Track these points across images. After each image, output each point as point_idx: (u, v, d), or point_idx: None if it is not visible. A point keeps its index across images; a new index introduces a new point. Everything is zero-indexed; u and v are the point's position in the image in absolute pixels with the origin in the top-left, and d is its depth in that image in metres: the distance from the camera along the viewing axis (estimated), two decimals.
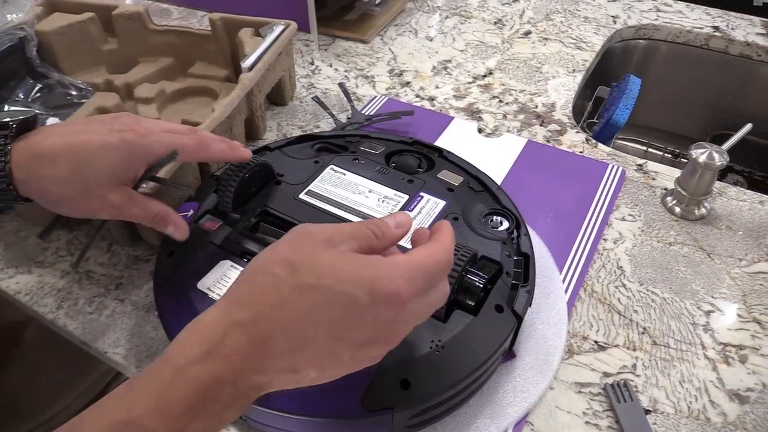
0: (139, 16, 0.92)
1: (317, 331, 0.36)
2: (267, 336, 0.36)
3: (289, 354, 0.36)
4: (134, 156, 0.54)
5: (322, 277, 0.37)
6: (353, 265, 0.38)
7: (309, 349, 0.36)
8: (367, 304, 0.36)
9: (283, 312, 0.36)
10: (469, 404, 0.55)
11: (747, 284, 0.67)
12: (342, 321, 0.36)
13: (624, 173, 0.80)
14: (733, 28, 1.12)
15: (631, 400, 0.56)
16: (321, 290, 0.36)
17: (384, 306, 0.37)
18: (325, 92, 0.98)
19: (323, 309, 0.36)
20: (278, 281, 0.37)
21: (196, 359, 0.35)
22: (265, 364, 0.36)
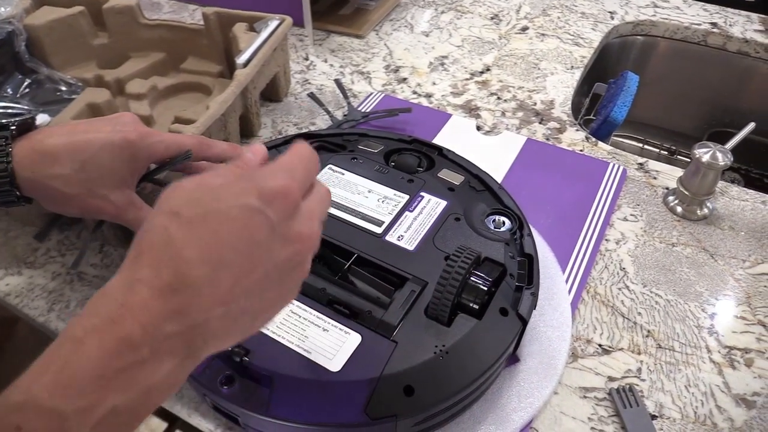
0: (130, 10, 0.90)
1: (225, 252, 0.34)
2: (172, 279, 0.32)
3: (205, 288, 0.33)
4: (136, 156, 0.54)
5: (206, 204, 0.34)
6: (231, 185, 0.35)
7: (226, 274, 0.33)
8: (262, 206, 0.34)
9: (182, 251, 0.33)
10: (472, 410, 0.54)
11: (751, 286, 0.66)
12: (245, 233, 0.34)
13: (625, 172, 0.79)
14: (731, 25, 1.11)
15: (637, 405, 0.55)
16: (211, 215, 0.34)
17: (279, 202, 0.35)
18: (321, 88, 0.97)
19: (220, 231, 0.34)
20: (164, 229, 0.34)
21: (97, 327, 0.31)
22: (184, 309, 0.32)
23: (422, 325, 0.51)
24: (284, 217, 0.36)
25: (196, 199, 0.35)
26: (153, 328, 0.32)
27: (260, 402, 0.47)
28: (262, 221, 0.35)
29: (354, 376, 0.47)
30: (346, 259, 0.56)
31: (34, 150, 0.52)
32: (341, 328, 0.51)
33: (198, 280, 0.33)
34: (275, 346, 0.50)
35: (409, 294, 0.53)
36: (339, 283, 0.54)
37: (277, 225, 0.35)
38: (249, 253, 0.34)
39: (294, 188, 0.36)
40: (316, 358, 0.49)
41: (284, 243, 0.36)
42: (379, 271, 0.55)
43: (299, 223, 0.37)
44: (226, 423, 0.54)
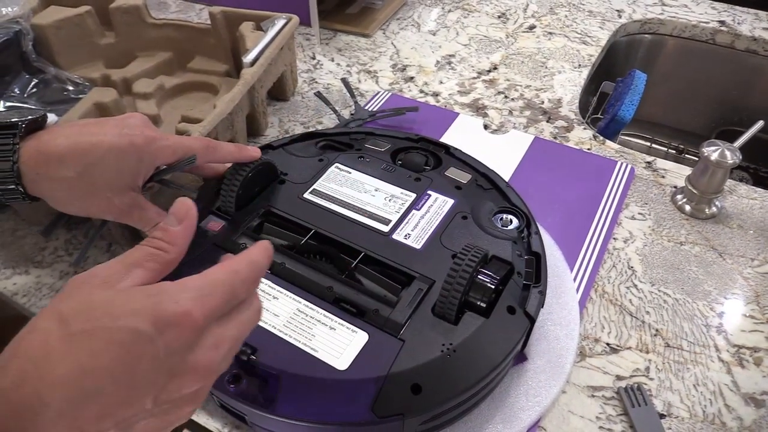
0: (137, 10, 0.90)
1: (99, 380, 0.30)
2: (33, 400, 0.29)
3: (67, 415, 0.30)
4: (142, 160, 0.54)
5: (96, 319, 0.32)
6: (131, 298, 0.33)
7: (94, 404, 0.30)
8: (153, 334, 0.31)
9: (53, 367, 0.30)
10: (480, 409, 0.53)
11: (760, 284, 0.66)
12: (127, 361, 0.31)
13: (633, 171, 0.79)
14: (740, 23, 1.10)
15: (645, 405, 0.55)
16: (95, 333, 0.31)
17: (174, 331, 0.32)
18: (328, 87, 0.97)
19: (101, 354, 0.31)
20: (46, 336, 0.31)
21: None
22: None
23: (429, 323, 0.50)
24: (178, 348, 0.33)
25: (90, 310, 0.32)
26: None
27: (267, 400, 0.47)
28: (148, 351, 0.32)
29: (361, 374, 0.47)
30: (353, 257, 0.56)
31: (39, 151, 0.51)
32: (348, 327, 0.51)
33: (59, 404, 0.30)
34: (282, 344, 0.50)
35: (417, 292, 0.53)
36: (346, 281, 0.54)
37: (166, 357, 0.32)
38: (128, 386, 0.31)
39: (195, 318, 0.33)
40: (323, 356, 0.49)
41: (172, 377, 0.33)
42: (386, 270, 0.55)
43: (197, 354, 0.34)
44: (234, 422, 0.54)
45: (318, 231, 0.58)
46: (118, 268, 0.36)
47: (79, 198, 0.53)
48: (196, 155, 0.56)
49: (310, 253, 0.58)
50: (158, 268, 0.38)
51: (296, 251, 0.57)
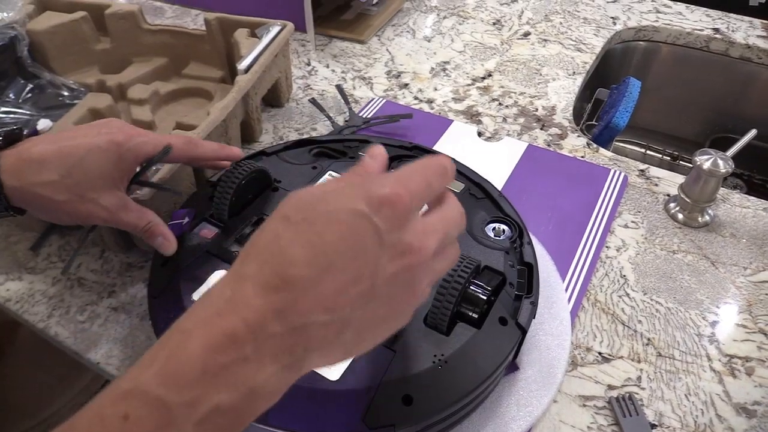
0: (133, 16, 0.90)
1: (330, 255, 0.33)
2: (275, 277, 0.32)
3: (308, 289, 0.32)
4: (123, 157, 0.54)
5: (314, 209, 0.34)
6: (342, 189, 0.35)
7: (329, 278, 0.33)
8: (370, 212, 0.34)
9: (287, 250, 0.33)
10: (471, 419, 0.53)
11: (752, 294, 0.66)
12: (349, 237, 0.34)
13: (626, 179, 0.79)
14: (734, 30, 1.11)
15: (636, 414, 0.55)
16: (319, 217, 0.34)
17: (387, 209, 0.34)
18: (322, 94, 0.97)
19: (326, 233, 0.33)
20: (275, 231, 0.34)
21: (204, 320, 0.32)
22: (286, 308, 0.32)
23: (421, 334, 0.51)
24: (392, 227, 0.35)
25: (306, 203, 0.35)
26: (256, 325, 0.32)
27: None
28: (369, 227, 0.34)
29: (352, 385, 0.47)
30: None
31: (20, 159, 0.52)
32: None
33: (301, 280, 0.32)
34: None
35: None
36: None
37: (385, 233, 0.34)
38: (354, 259, 0.34)
39: (404, 197, 0.35)
40: None
41: (392, 255, 0.35)
42: None
43: (409, 235, 0.36)
44: None
45: None
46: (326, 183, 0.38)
47: (64, 203, 0.53)
48: (172, 146, 0.56)
49: None
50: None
51: None
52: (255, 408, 0.33)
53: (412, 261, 0.36)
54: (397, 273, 0.35)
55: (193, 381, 0.31)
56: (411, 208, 0.36)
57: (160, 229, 0.57)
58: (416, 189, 0.36)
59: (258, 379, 0.32)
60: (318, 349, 0.34)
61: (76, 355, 0.62)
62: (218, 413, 0.31)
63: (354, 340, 0.36)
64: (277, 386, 0.33)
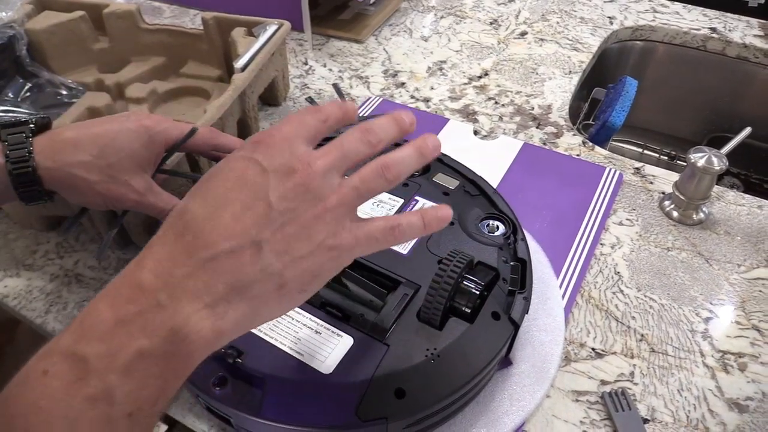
0: (131, 15, 0.91)
1: (218, 195, 0.36)
2: (176, 228, 0.36)
3: (206, 224, 0.35)
4: (153, 140, 0.56)
5: (210, 172, 0.38)
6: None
7: (224, 210, 0.35)
8: (246, 153, 0.37)
9: (184, 208, 0.36)
10: (464, 413, 0.54)
11: (746, 290, 0.66)
12: (235, 175, 0.36)
13: (621, 177, 0.79)
14: (731, 30, 1.11)
15: (629, 409, 0.55)
16: (210, 177, 0.37)
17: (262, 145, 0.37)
18: (319, 93, 0.97)
19: (216, 181, 0.37)
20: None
21: (113, 285, 0.34)
22: (190, 248, 0.34)
23: (414, 328, 0.51)
24: (272, 156, 0.37)
25: (203, 177, 0.38)
26: (164, 271, 0.34)
27: (252, 403, 0.47)
28: (248, 163, 0.36)
29: (346, 378, 0.48)
30: None
31: (54, 141, 0.53)
32: (334, 331, 0.51)
33: (195, 220, 0.35)
34: (268, 348, 0.50)
35: (402, 297, 0.53)
36: (332, 286, 0.54)
37: (264, 161, 0.36)
38: (241, 189, 0.36)
39: (273, 134, 0.38)
40: (308, 360, 0.49)
41: (279, 177, 0.36)
42: (373, 275, 0.56)
43: (292, 158, 0.37)
44: (220, 424, 0.55)
45: None
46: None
47: (96, 183, 0.54)
48: (197, 128, 0.58)
49: None
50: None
51: None
52: (185, 350, 0.33)
53: (300, 177, 0.36)
54: (289, 189, 0.36)
55: (106, 332, 0.32)
56: (288, 140, 0.37)
57: None
58: (288, 128, 0.38)
59: (177, 319, 0.33)
60: (246, 284, 0.35)
61: None
62: (142, 358, 0.32)
63: (280, 266, 0.36)
64: (206, 326, 0.34)
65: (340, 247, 0.37)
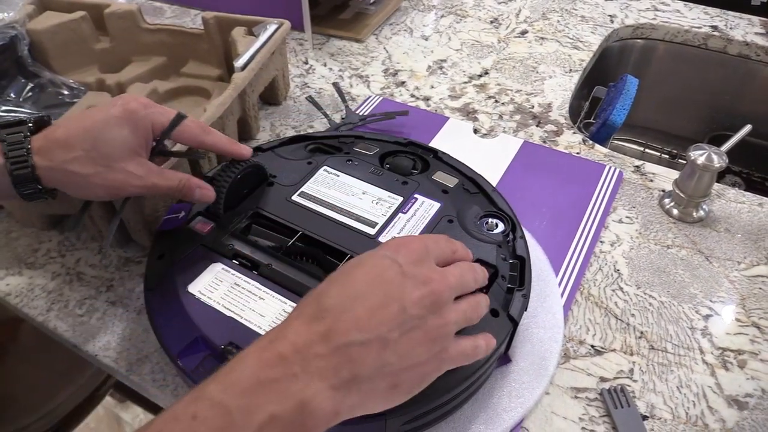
0: (132, 15, 0.91)
1: (357, 286, 0.41)
2: (314, 310, 0.40)
3: (342, 313, 0.39)
4: (139, 125, 0.56)
5: (350, 265, 0.43)
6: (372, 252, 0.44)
7: (359, 302, 0.40)
8: (390, 254, 0.43)
9: (323, 293, 0.41)
10: (463, 409, 0.54)
11: (746, 288, 0.66)
12: (375, 272, 0.41)
13: (621, 175, 0.79)
14: (732, 28, 1.11)
15: (628, 406, 0.55)
16: (350, 269, 0.42)
17: (405, 250, 0.43)
18: (319, 92, 0.97)
19: (355, 273, 0.42)
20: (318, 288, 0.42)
21: (258, 347, 0.39)
22: (326, 332, 0.38)
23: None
24: (412, 262, 0.42)
25: (344, 267, 0.44)
26: (302, 347, 0.38)
27: None
28: (390, 263, 0.42)
29: None
30: (338, 259, 0.57)
31: (48, 140, 0.54)
32: None
33: (334, 307, 0.40)
34: None
35: None
36: None
37: (405, 266, 0.42)
38: (379, 287, 0.41)
39: (416, 242, 0.44)
40: None
41: (415, 283, 0.41)
42: None
43: (429, 269, 0.43)
44: None
45: (305, 233, 0.59)
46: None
47: (94, 176, 0.54)
48: (185, 115, 0.58)
49: (297, 255, 0.59)
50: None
51: (283, 253, 0.58)
52: (308, 424, 0.37)
53: (434, 287, 0.42)
54: (423, 297, 0.41)
55: (248, 389, 0.36)
56: (427, 252, 0.44)
57: (194, 181, 0.59)
58: (428, 242, 0.45)
59: (307, 393, 0.37)
60: (366, 377, 0.39)
61: (74, 347, 0.63)
62: (273, 422, 0.36)
63: (399, 367, 0.40)
64: (328, 405, 0.37)
65: (447, 360, 0.43)
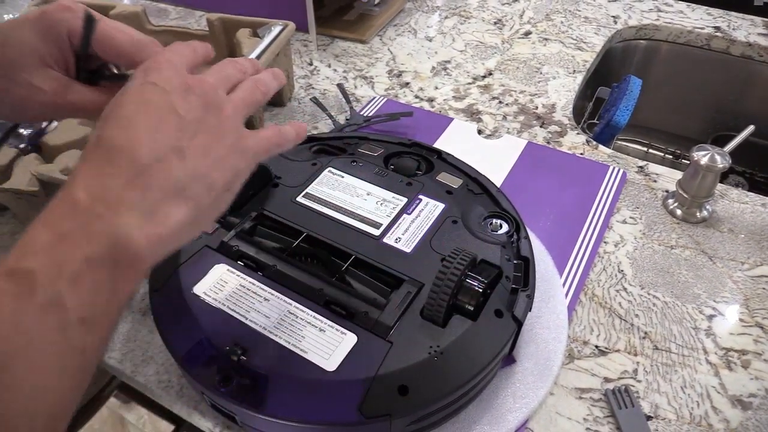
0: (137, 17, 0.92)
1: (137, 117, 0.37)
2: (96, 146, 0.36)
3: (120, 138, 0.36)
4: (50, 30, 0.47)
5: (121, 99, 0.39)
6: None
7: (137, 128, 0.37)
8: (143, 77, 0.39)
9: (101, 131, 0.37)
10: (468, 410, 0.54)
11: (749, 288, 0.66)
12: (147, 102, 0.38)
13: (625, 175, 0.79)
14: (735, 29, 1.11)
15: (632, 406, 0.55)
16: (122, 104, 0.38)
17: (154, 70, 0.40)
18: (324, 93, 0.98)
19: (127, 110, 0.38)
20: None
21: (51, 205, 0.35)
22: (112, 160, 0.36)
23: (418, 325, 0.51)
24: (166, 78, 0.39)
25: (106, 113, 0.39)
26: (98, 190, 0.34)
27: (257, 401, 0.48)
28: (149, 87, 0.39)
29: (349, 375, 0.48)
30: (343, 260, 0.57)
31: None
32: (338, 329, 0.51)
33: (116, 142, 0.36)
34: (272, 345, 0.50)
35: (405, 295, 0.53)
36: (336, 284, 0.55)
37: (162, 83, 0.39)
38: (150, 109, 0.38)
39: (159, 59, 0.41)
40: (312, 357, 0.49)
41: (179, 92, 0.39)
42: (376, 273, 0.56)
43: (183, 78, 0.40)
44: (225, 422, 0.55)
45: (310, 234, 0.59)
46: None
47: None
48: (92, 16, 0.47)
49: (302, 256, 0.59)
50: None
51: (288, 254, 0.58)
52: (130, 257, 0.34)
53: (198, 91, 0.40)
54: (192, 102, 0.39)
55: (48, 246, 0.32)
56: (172, 65, 0.40)
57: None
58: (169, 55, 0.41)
59: (117, 229, 0.34)
60: (177, 189, 0.37)
61: None
62: (89, 266, 0.33)
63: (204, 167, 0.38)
64: (147, 232, 0.35)
65: (247, 149, 0.42)
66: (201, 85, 0.41)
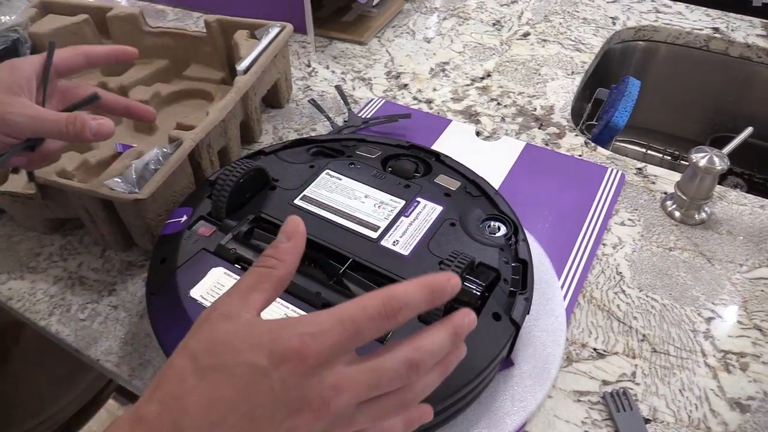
0: (134, 18, 0.91)
1: (222, 410, 0.32)
2: (171, 428, 0.32)
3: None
4: (16, 65, 0.56)
5: (219, 354, 0.34)
6: (251, 333, 0.34)
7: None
8: (269, 368, 0.33)
9: (186, 399, 0.33)
10: (466, 413, 0.54)
11: (748, 290, 0.66)
12: (245, 393, 0.33)
13: (623, 177, 0.79)
14: (733, 30, 1.11)
15: (630, 409, 0.55)
16: (219, 368, 0.33)
17: (287, 366, 0.33)
18: (322, 95, 0.97)
19: (223, 386, 0.33)
20: (181, 371, 0.34)
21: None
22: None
23: (415, 329, 0.51)
24: (292, 384, 0.33)
25: (214, 346, 0.35)
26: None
27: None
28: (264, 384, 0.33)
29: None
30: (341, 263, 0.57)
31: None
32: None
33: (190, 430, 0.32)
34: None
35: None
36: (333, 287, 0.55)
37: (281, 391, 0.33)
38: (246, 415, 0.33)
39: (307, 353, 0.33)
40: None
41: (289, 412, 0.33)
42: (374, 276, 0.56)
43: (313, 391, 0.34)
44: None
45: (307, 237, 0.59)
46: (236, 298, 0.37)
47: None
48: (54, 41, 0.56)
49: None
50: (272, 286, 0.38)
51: None
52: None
53: (308, 419, 0.34)
54: (292, 429, 0.34)
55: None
56: (314, 365, 0.34)
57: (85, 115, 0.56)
58: (331, 343, 0.34)
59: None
60: None
61: (76, 352, 0.63)
62: None
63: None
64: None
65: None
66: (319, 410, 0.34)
